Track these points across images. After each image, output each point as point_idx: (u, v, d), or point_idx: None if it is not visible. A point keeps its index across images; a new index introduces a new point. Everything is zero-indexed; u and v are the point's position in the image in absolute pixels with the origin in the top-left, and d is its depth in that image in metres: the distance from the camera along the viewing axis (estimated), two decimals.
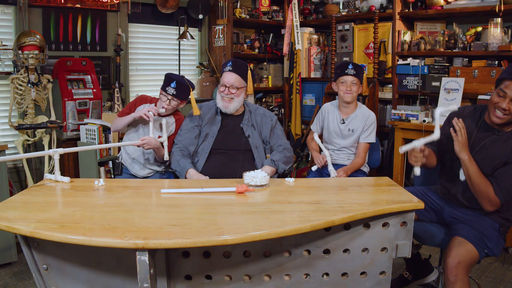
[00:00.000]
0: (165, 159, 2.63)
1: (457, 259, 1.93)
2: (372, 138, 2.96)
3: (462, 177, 2.12)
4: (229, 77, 2.61)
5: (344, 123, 2.99)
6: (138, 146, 2.59)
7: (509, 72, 2.00)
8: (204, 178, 2.42)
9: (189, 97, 2.71)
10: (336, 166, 2.98)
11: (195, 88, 2.72)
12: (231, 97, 2.61)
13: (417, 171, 2.07)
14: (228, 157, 2.60)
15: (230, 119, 2.70)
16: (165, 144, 2.63)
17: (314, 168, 2.95)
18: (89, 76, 3.63)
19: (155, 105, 2.74)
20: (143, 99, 2.83)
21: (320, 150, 2.98)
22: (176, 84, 2.64)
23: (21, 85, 3.21)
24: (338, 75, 2.97)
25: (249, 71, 2.66)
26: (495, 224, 2.07)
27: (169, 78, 2.68)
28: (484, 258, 2.09)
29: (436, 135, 2.02)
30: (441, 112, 2.04)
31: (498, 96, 2.00)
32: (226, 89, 2.61)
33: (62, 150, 2.21)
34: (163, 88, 2.68)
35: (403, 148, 2.02)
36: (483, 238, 2.02)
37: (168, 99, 2.68)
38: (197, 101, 2.81)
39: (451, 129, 2.03)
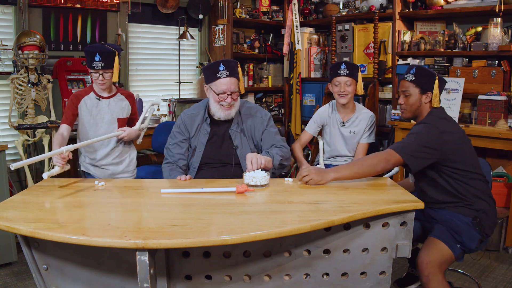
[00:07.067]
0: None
1: (426, 259, 1.99)
2: (373, 138, 2.95)
3: (411, 179, 2.30)
4: (229, 83, 2.31)
5: (344, 125, 2.93)
6: (120, 138, 2.64)
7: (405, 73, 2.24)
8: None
9: (115, 62, 2.50)
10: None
11: (122, 51, 2.60)
12: (232, 103, 2.36)
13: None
14: (218, 172, 2.43)
15: (219, 126, 2.46)
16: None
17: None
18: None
19: (94, 92, 2.60)
20: (76, 97, 2.61)
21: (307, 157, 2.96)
22: (100, 55, 2.44)
23: (21, 85, 3.21)
24: (331, 76, 2.87)
25: (239, 67, 2.40)
26: (467, 218, 2.08)
27: (90, 53, 2.45)
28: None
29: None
30: None
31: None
32: (228, 97, 2.32)
33: (72, 147, 2.20)
34: (90, 66, 2.47)
35: None
36: (453, 234, 2.05)
37: (99, 74, 2.48)
38: (197, 101, 2.76)
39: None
